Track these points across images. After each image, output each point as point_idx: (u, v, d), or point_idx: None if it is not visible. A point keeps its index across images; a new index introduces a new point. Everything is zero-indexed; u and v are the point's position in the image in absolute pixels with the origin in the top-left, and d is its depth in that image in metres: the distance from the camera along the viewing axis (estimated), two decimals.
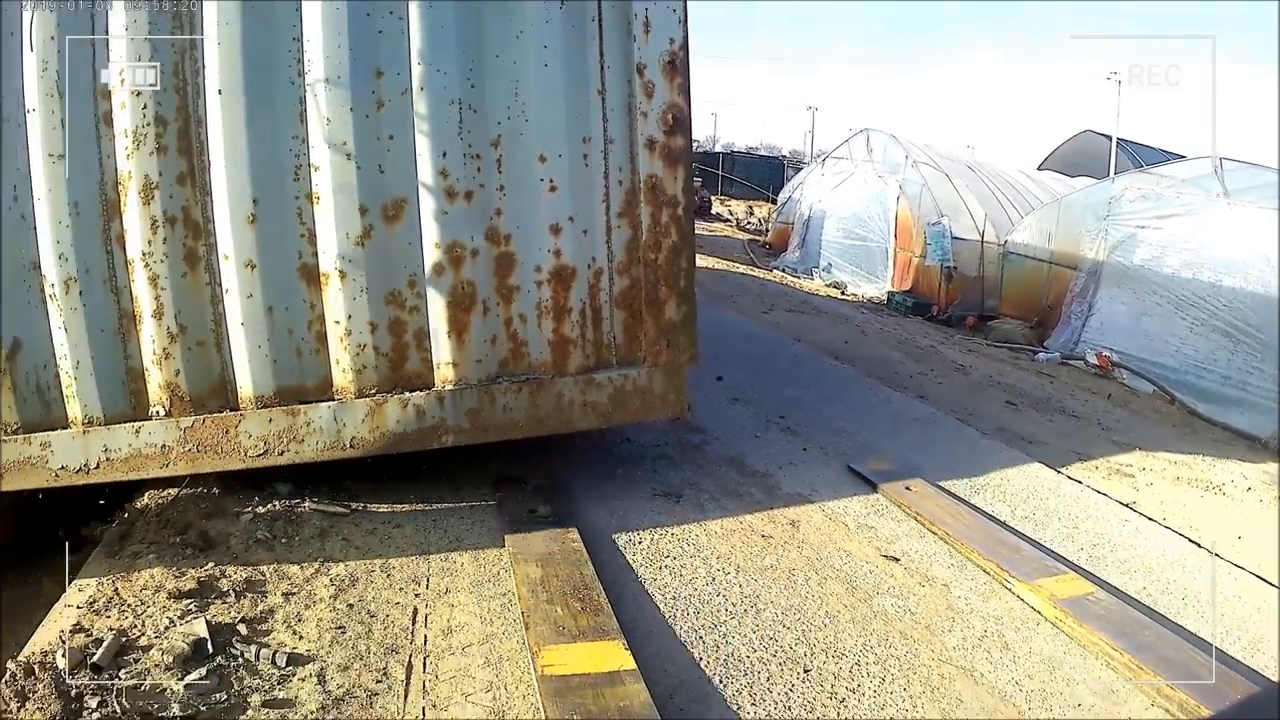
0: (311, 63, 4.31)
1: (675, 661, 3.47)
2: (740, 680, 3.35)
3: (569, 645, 3.40)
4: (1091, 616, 3.87)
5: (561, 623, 3.57)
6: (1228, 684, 3.43)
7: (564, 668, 3.26)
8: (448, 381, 4.50)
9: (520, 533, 4.37)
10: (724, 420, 6.55)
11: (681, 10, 4.47)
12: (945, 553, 4.56)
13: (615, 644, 3.40)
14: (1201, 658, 3.58)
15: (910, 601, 4.04)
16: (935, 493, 5.23)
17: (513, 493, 4.88)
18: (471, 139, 4.43)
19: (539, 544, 4.23)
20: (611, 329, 4.74)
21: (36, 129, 4.31)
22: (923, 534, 4.77)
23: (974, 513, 5.00)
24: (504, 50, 4.39)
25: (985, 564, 4.37)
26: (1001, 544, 4.58)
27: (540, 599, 3.74)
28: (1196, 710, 3.26)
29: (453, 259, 4.46)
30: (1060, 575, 4.28)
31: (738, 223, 30.19)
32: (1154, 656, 3.58)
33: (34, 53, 4.27)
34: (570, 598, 3.75)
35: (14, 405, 4.45)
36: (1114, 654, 3.61)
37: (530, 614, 3.63)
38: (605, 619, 3.60)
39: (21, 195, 4.35)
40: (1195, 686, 3.37)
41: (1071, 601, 3.99)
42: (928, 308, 14.45)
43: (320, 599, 3.79)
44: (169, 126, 4.31)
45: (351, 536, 4.36)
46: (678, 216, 4.68)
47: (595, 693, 3.12)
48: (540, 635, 3.48)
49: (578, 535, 4.31)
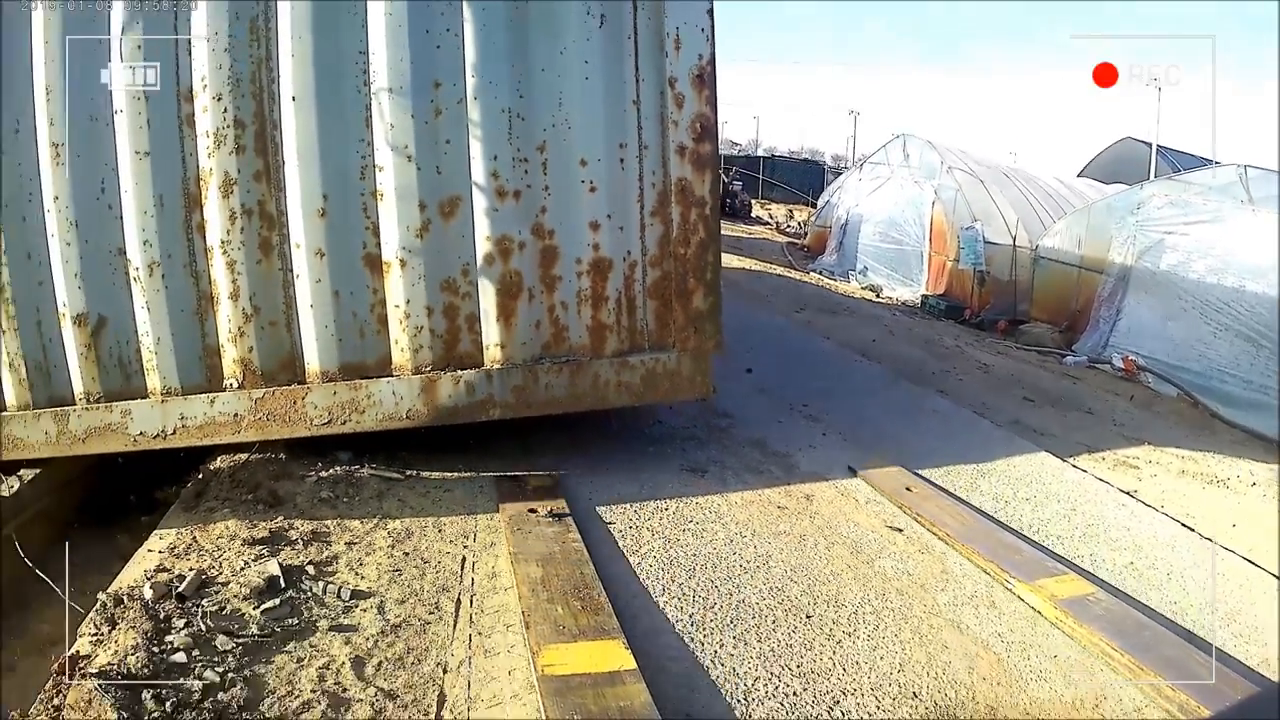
0: (376, 74, 4.81)
1: (695, 606, 3.90)
2: (749, 621, 3.79)
3: (569, 645, 3.43)
4: (1092, 617, 3.95)
5: (562, 622, 3.59)
6: (1228, 684, 3.49)
7: (564, 667, 3.29)
8: (496, 361, 4.99)
9: (521, 522, 4.52)
10: (750, 407, 6.98)
11: (709, 29, 4.92)
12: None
13: (616, 643, 3.45)
14: (1201, 657, 3.68)
15: (909, 564, 4.45)
16: (936, 493, 5.42)
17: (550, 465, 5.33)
18: (520, 144, 4.90)
19: (539, 545, 4.28)
20: (644, 316, 5.19)
21: (124, 129, 4.82)
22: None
23: (975, 513, 5.23)
24: (549, 65, 4.86)
25: (986, 565, 4.47)
26: (1002, 545, 4.70)
27: (540, 598, 3.77)
28: (1197, 710, 3.32)
29: (502, 251, 4.94)
30: (1061, 576, 4.40)
31: (777, 226, 30.46)
32: (1154, 657, 3.64)
33: (122, 60, 4.79)
34: (571, 597, 3.78)
35: (97, 376, 4.99)
36: (1114, 654, 3.69)
37: (530, 614, 3.66)
38: (606, 618, 3.63)
39: (109, 188, 4.87)
40: (1195, 686, 3.43)
41: (1072, 602, 4.08)
42: (960, 311, 14.69)
43: (379, 548, 4.29)
44: (247, 129, 4.82)
45: (406, 498, 4.85)
46: (705, 215, 5.12)
47: (596, 692, 3.14)
48: (540, 635, 3.50)
49: (578, 535, 4.40)
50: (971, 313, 14.61)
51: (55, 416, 5.01)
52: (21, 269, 4.94)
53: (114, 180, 4.87)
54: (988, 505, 5.34)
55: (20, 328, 4.99)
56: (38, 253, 4.92)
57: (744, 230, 27.58)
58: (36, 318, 4.99)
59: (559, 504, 4.74)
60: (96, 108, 4.83)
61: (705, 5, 4.89)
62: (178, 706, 3.03)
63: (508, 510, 4.67)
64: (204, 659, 3.32)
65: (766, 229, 29.46)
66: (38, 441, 5.05)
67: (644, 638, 3.60)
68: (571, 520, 4.56)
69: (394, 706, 3.13)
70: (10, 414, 5.07)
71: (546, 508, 4.66)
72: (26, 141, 4.84)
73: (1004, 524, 5.00)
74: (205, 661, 3.31)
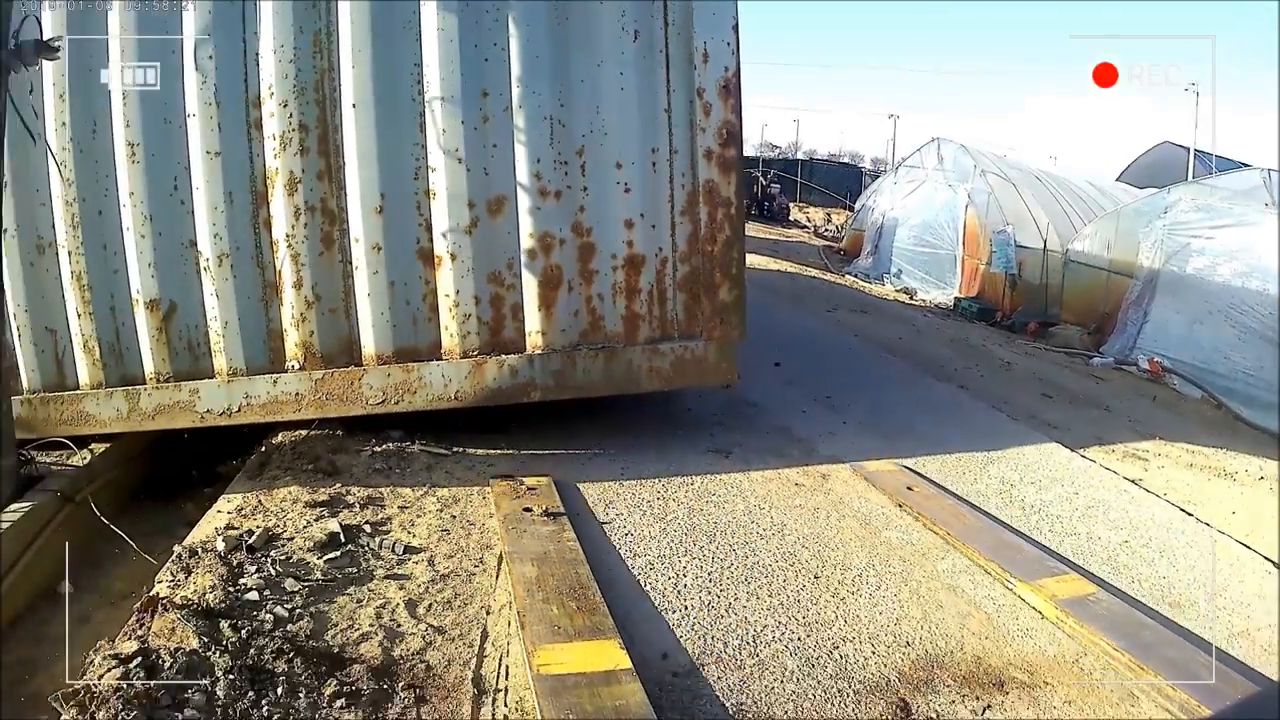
0: (429, 84, 5.28)
1: (714, 565, 4.31)
2: (761, 580, 4.19)
3: (565, 644, 3.45)
4: (1092, 616, 3.98)
5: (557, 622, 3.60)
6: (1228, 684, 3.51)
7: (560, 667, 3.30)
8: (537, 347, 5.44)
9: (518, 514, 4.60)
10: (777, 398, 7.39)
11: (735, 43, 5.34)
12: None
13: (611, 643, 3.46)
14: (1202, 658, 3.73)
15: (913, 535, 4.82)
16: (938, 493, 5.54)
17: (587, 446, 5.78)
18: (560, 148, 5.35)
19: (534, 544, 4.31)
20: (674, 307, 5.61)
21: (196, 131, 5.31)
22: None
23: (977, 513, 5.36)
24: (587, 76, 5.32)
25: (988, 565, 4.51)
26: (1004, 544, 4.75)
27: (536, 598, 3.78)
28: (1197, 710, 3.37)
29: (544, 246, 5.39)
30: (1062, 575, 4.45)
31: (815, 229, 30.69)
32: (1155, 657, 3.68)
33: (195, 69, 5.28)
34: (566, 597, 3.80)
35: (167, 357, 5.49)
36: (1115, 654, 3.72)
37: (526, 614, 3.66)
38: (601, 618, 3.64)
39: (181, 185, 5.36)
40: (1196, 686, 3.46)
41: (1072, 601, 4.11)
42: (992, 313, 14.89)
43: (429, 511, 4.75)
44: (310, 132, 5.30)
45: (453, 470, 5.32)
46: (730, 215, 5.54)
47: (591, 692, 3.15)
48: (536, 635, 3.50)
49: (574, 535, 4.43)
50: (1003, 315, 14.79)
51: (126, 395, 5.51)
52: (98, 258, 5.43)
53: (186, 178, 5.36)
54: (994, 487, 5.68)
55: (95, 312, 5.49)
56: (113, 244, 5.41)
57: (781, 233, 27.86)
58: (111, 303, 5.49)
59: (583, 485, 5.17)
60: (170, 111, 5.31)
61: (731, 22, 5.32)
62: (252, 634, 3.48)
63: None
64: (274, 598, 3.79)
65: (804, 232, 29.72)
66: (109, 417, 5.55)
67: (667, 592, 4.03)
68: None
69: (442, 639, 3.58)
70: (84, 392, 5.57)
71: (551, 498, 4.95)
72: (103, 142, 5.33)
73: (1006, 523, 5.21)
74: (275, 599, 3.77)
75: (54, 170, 5.33)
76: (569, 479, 5.24)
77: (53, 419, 5.55)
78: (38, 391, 5.57)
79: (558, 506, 4.69)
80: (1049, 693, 3.49)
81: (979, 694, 3.45)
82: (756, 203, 33.49)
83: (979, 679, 3.55)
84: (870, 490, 5.41)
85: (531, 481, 5.09)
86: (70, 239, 5.40)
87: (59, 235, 5.42)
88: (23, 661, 4.15)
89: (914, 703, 3.35)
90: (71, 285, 5.48)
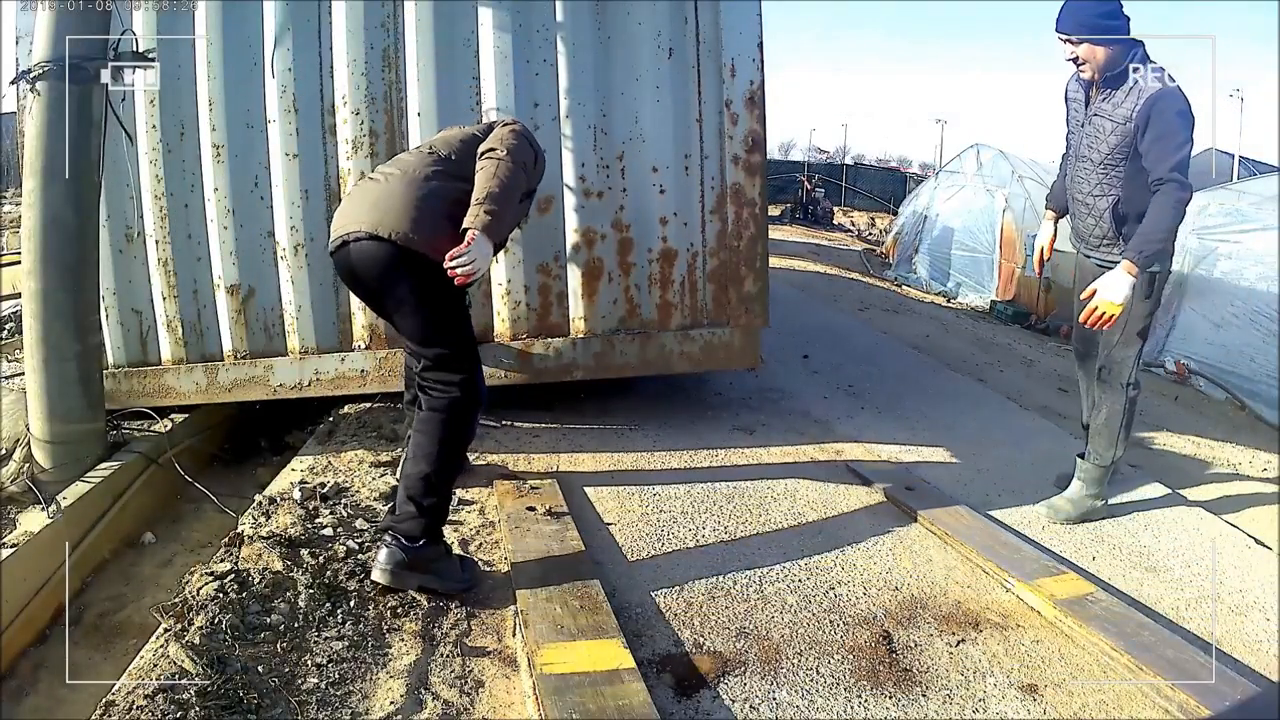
0: (485, 95, 5.87)
1: (731, 521, 4.87)
2: (772, 533, 4.76)
3: (569, 644, 3.50)
4: (1091, 616, 3.99)
5: (560, 621, 3.65)
6: (1228, 684, 3.56)
7: (563, 666, 3.41)
8: (579, 331, 6.03)
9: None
10: (802, 385, 7.94)
11: (760, 59, 5.90)
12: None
13: (614, 642, 3.57)
14: (1202, 658, 3.77)
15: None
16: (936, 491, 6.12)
17: (622, 424, 6.38)
18: (603, 153, 5.94)
19: (536, 543, 4.37)
20: (704, 297, 6.17)
21: (276, 135, 5.91)
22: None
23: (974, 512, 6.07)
24: (627, 89, 5.91)
25: (985, 564, 4.56)
26: (1002, 544, 4.76)
27: (539, 597, 3.82)
28: (1196, 710, 3.43)
29: (587, 241, 5.99)
30: (1060, 575, 4.47)
31: (858, 233, 30.98)
32: (1155, 657, 3.70)
33: (275, 79, 5.89)
34: (569, 595, 3.87)
35: (245, 337, 6.09)
36: (1114, 654, 3.76)
37: (528, 612, 3.73)
38: (604, 618, 3.73)
39: (261, 183, 5.97)
40: (1195, 686, 3.50)
41: (1071, 601, 4.14)
42: (1026, 317, 15.18)
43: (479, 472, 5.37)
44: (380, 138, 5.90)
45: (502, 440, 5.93)
46: (755, 214, 6.10)
47: (595, 691, 3.22)
48: (539, 634, 3.56)
49: (577, 534, 4.47)
50: (1037, 318, 15.09)
51: (206, 369, 6.09)
52: (183, 247, 6.01)
53: (265, 177, 5.95)
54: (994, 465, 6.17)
55: (179, 295, 6.06)
56: (197, 234, 5.99)
57: (825, 237, 28.21)
58: (194, 288, 6.07)
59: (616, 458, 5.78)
60: (252, 117, 5.92)
61: (756, 40, 5.88)
62: (328, 560, 4.09)
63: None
64: (346, 534, 4.40)
65: (847, 236, 30.02)
66: (189, 390, 6.13)
67: (689, 536, 4.64)
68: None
69: (491, 570, 4.20)
70: (165, 367, 6.17)
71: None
72: (190, 143, 5.93)
73: (1005, 524, 5.69)
74: (347, 535, 4.39)
75: (145, 167, 5.93)
76: (604, 449, 5.87)
77: (135, 391, 6.15)
78: (122, 367, 6.17)
79: (561, 507, 4.79)
80: (1020, 634, 3.97)
81: (955, 630, 3.96)
82: (801, 206, 33.85)
83: (957, 619, 4.05)
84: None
85: (535, 481, 5.24)
86: (158, 229, 5.98)
87: (147, 225, 5.99)
88: (112, 597, 4.78)
89: (896, 634, 3.88)
90: (158, 270, 6.06)
